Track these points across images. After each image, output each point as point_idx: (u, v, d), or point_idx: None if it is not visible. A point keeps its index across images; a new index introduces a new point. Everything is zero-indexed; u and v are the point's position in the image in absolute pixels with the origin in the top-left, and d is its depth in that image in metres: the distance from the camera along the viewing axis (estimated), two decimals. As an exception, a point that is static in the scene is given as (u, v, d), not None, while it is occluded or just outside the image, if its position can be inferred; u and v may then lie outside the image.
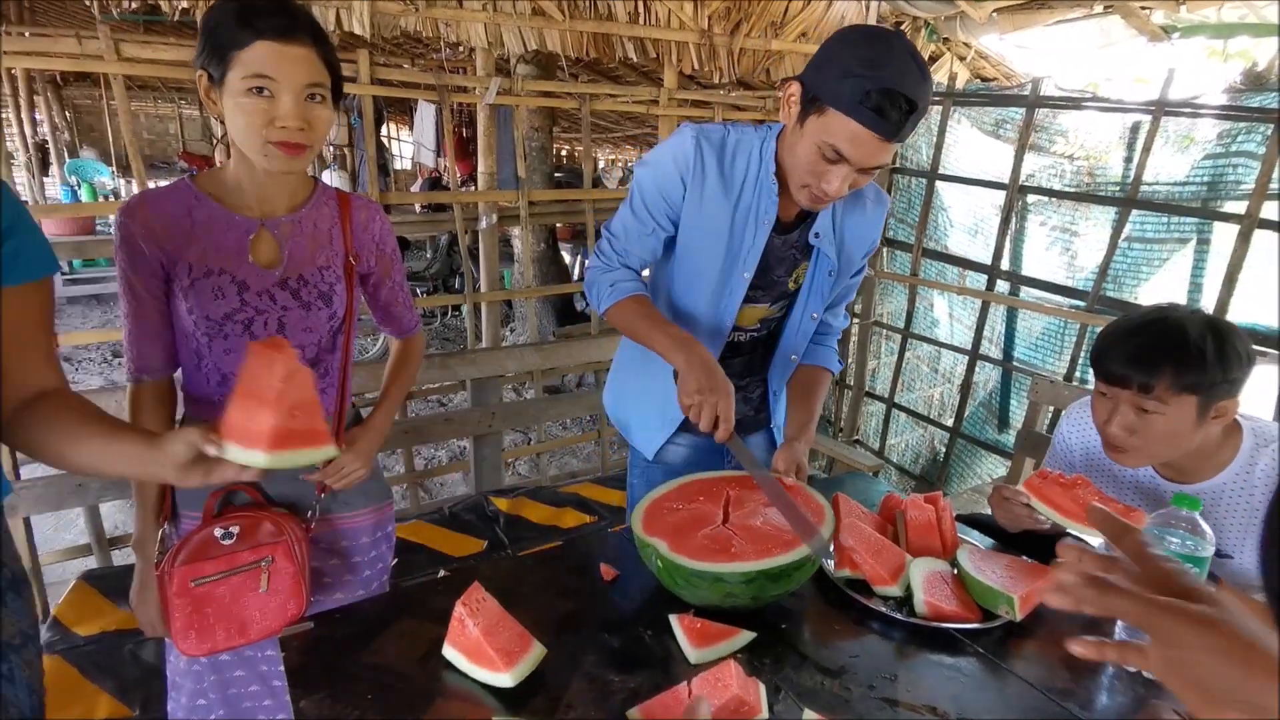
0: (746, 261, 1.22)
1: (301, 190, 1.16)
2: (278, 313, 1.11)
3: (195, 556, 1.08)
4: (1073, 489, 1.18)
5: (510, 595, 1.06)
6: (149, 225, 1.04)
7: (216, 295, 1.07)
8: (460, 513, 2.40)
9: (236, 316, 1.09)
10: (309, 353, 1.16)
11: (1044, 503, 1.17)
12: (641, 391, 1.39)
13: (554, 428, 4.26)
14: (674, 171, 1.19)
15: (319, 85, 1.00)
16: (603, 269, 1.26)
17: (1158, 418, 1.12)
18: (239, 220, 1.09)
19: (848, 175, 1.07)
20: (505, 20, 2.08)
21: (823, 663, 0.96)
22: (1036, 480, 1.21)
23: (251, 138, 0.99)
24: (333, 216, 1.17)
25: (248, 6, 0.96)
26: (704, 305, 1.27)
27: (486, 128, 2.31)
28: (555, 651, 0.94)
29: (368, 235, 1.21)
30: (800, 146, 1.09)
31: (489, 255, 2.48)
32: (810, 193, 1.12)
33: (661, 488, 1.16)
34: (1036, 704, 0.91)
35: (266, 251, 1.11)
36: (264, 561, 1.11)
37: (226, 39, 0.96)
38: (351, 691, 0.87)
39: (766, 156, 1.18)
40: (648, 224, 1.22)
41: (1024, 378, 2.90)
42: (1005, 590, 1.03)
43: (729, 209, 1.19)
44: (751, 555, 0.98)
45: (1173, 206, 2.40)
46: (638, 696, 0.86)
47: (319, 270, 1.14)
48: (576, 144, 12.21)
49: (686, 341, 1.12)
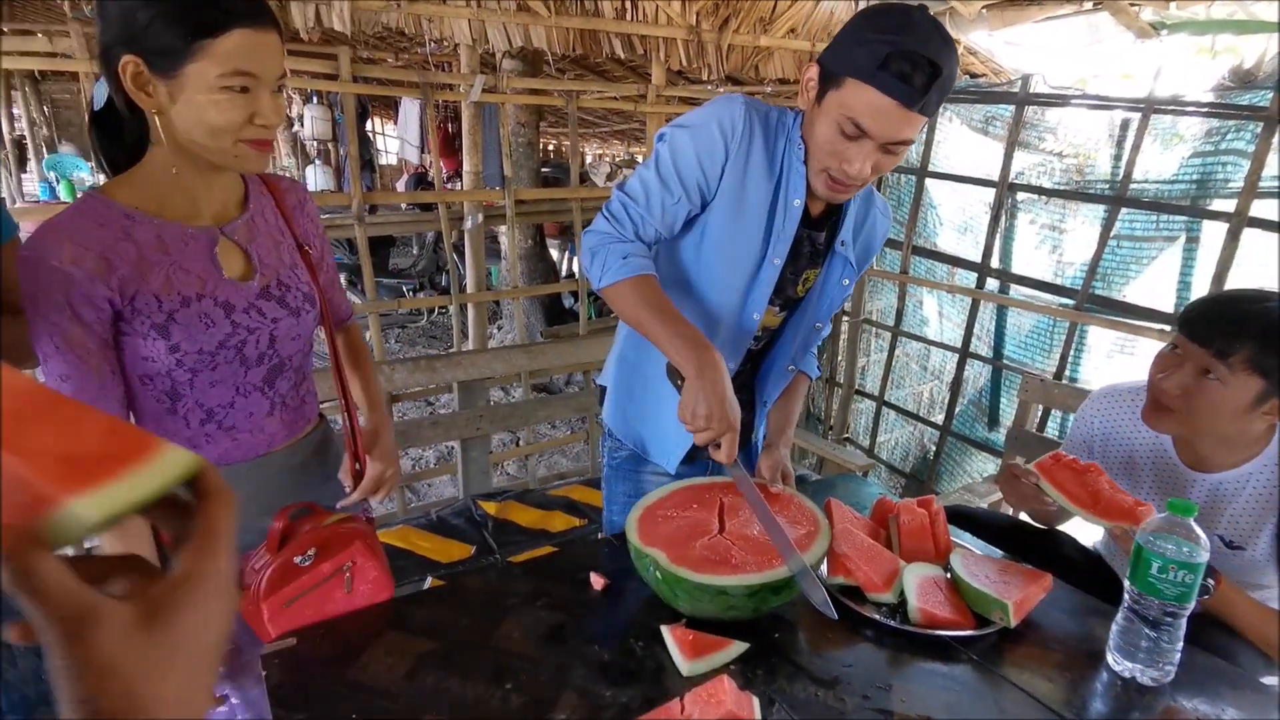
0: (778, 248, 1.13)
1: (236, 184, 1.02)
2: (269, 327, 1.01)
3: (276, 585, 1.01)
4: (1084, 475, 1.16)
5: (498, 606, 1.04)
6: (81, 260, 0.86)
7: (206, 324, 0.94)
8: (448, 517, 2.37)
9: (230, 342, 0.97)
10: (296, 360, 1.08)
11: (1054, 486, 1.16)
12: (654, 409, 1.29)
13: (542, 427, 4.23)
14: (719, 138, 1.07)
15: (285, 75, 0.90)
16: (614, 236, 1.10)
17: (1216, 386, 1.12)
18: (194, 232, 0.94)
19: (869, 153, 1.00)
20: (490, 16, 2.04)
21: (816, 673, 0.94)
22: (1050, 462, 1.19)
23: (223, 139, 0.87)
24: (272, 206, 1.06)
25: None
26: (731, 299, 1.16)
27: (471, 126, 2.28)
28: (544, 664, 0.92)
29: (305, 218, 1.11)
30: (819, 126, 1.03)
31: (475, 255, 2.44)
32: (828, 179, 1.06)
33: (653, 494, 1.13)
34: (1032, 711, 0.90)
35: (236, 262, 0.99)
36: (345, 568, 1.07)
37: (187, 22, 0.82)
38: (336, 710, 0.85)
39: (795, 138, 1.11)
40: (676, 191, 1.09)
41: (1014, 376, 2.91)
42: (999, 596, 1.02)
43: (770, 188, 1.11)
44: (753, 567, 0.96)
45: (1162, 204, 2.40)
46: (630, 712, 0.84)
47: (291, 270, 1.04)
48: (563, 138, 12.11)
49: (700, 344, 1.01)
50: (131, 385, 0.95)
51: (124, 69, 0.84)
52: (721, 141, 1.08)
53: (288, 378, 1.07)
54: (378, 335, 2.51)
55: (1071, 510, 1.15)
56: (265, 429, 1.05)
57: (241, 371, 1.00)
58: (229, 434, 1.02)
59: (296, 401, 1.09)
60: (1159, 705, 0.92)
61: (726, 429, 0.99)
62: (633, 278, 1.07)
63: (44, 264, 0.84)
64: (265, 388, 1.04)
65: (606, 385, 1.39)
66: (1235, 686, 0.97)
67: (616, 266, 1.08)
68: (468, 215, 2.32)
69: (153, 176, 0.93)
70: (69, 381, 0.89)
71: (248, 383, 1.01)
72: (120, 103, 0.88)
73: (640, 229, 1.11)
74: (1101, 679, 0.96)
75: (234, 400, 1.01)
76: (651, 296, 1.06)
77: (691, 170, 1.09)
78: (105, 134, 0.94)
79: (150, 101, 0.86)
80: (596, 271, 1.11)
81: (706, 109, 1.11)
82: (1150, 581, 0.92)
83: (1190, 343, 1.15)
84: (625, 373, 1.34)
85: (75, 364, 0.89)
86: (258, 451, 1.05)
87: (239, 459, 1.03)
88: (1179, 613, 0.92)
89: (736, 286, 1.16)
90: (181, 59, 0.83)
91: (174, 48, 0.82)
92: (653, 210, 1.10)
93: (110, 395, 0.92)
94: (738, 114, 1.07)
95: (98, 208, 0.89)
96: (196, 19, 0.82)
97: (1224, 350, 1.11)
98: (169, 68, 0.83)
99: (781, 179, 1.11)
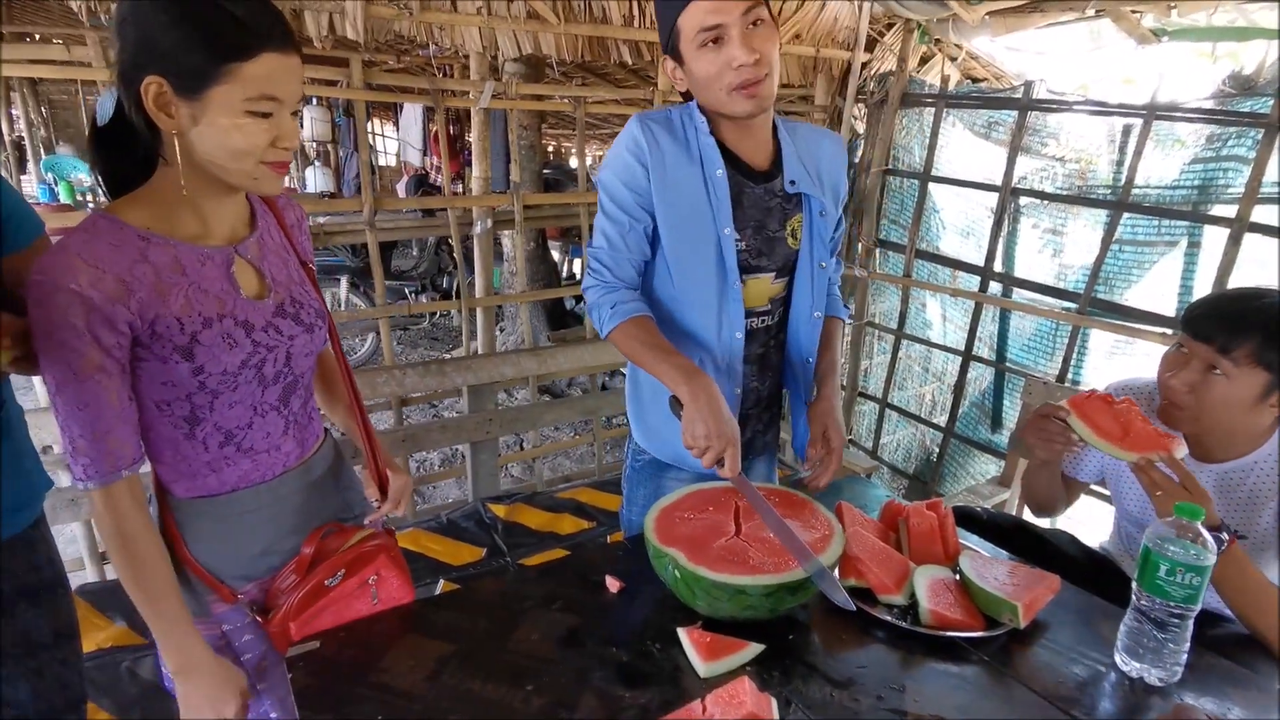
0: (721, 217, 1.20)
1: (244, 203, 1.02)
2: (286, 344, 1.00)
3: (304, 607, 1.03)
4: (1117, 409, 1.19)
5: (514, 609, 1.06)
6: (99, 283, 0.83)
7: (230, 344, 0.93)
8: (458, 520, 2.39)
9: (250, 361, 0.96)
10: (306, 378, 1.09)
11: (1084, 420, 1.18)
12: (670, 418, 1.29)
13: (546, 430, 4.25)
14: (631, 160, 1.18)
15: (303, 98, 0.91)
16: (602, 289, 1.22)
17: (1222, 382, 1.15)
18: (209, 252, 0.93)
19: (739, 37, 1.10)
20: (499, 24, 2.06)
21: (831, 674, 0.96)
22: (1082, 397, 1.22)
23: (245, 161, 0.86)
24: (274, 224, 1.06)
25: (235, 3, 0.82)
26: (709, 286, 1.22)
27: (481, 132, 2.30)
28: (563, 666, 0.94)
29: (303, 235, 1.13)
30: (698, 67, 1.15)
31: (485, 259, 2.46)
32: (736, 89, 1.13)
33: (669, 496, 1.16)
34: (1042, 711, 0.92)
35: (251, 281, 0.98)
36: (371, 579, 1.09)
37: (218, 45, 0.81)
38: (360, 712, 0.87)
39: (697, 117, 1.21)
40: (624, 221, 1.20)
41: (1017, 378, 2.93)
42: (1009, 598, 1.04)
43: (696, 171, 1.20)
44: (770, 568, 0.98)
45: (1163, 210, 2.42)
46: (649, 714, 0.86)
47: (300, 287, 1.05)
48: (563, 140, 12.13)
49: (691, 373, 1.09)
50: (146, 412, 0.93)
51: (146, 89, 0.82)
52: (635, 161, 1.18)
53: (299, 395, 1.08)
54: (388, 338, 2.53)
55: (1097, 445, 1.17)
56: (281, 448, 1.05)
57: (259, 391, 1.00)
58: (248, 455, 1.01)
59: (305, 419, 1.10)
60: (1167, 705, 0.94)
61: (726, 444, 1.04)
62: (625, 322, 1.18)
63: (60, 288, 0.81)
64: (280, 406, 1.04)
65: (626, 402, 1.45)
66: (1242, 687, 0.99)
67: (609, 316, 1.19)
68: (477, 220, 2.34)
69: (163, 196, 0.91)
70: (86, 410, 0.85)
71: (264, 402, 1.01)
72: (139, 123, 0.87)
73: (617, 271, 1.22)
74: (1110, 679, 0.98)
75: (252, 420, 1.00)
76: (645, 336, 1.17)
77: (626, 197, 1.20)
78: (108, 150, 0.93)
79: (171, 123, 0.84)
80: (597, 323, 1.23)
81: (615, 144, 1.23)
82: (1158, 584, 0.94)
83: (1195, 341, 1.19)
84: (638, 387, 1.39)
85: (94, 391, 0.85)
86: (275, 471, 1.05)
87: (258, 480, 1.03)
88: (1186, 614, 0.94)
89: (710, 275, 1.22)
90: (208, 81, 0.82)
91: (201, 69, 0.81)
92: (618, 248, 1.21)
93: (128, 421, 0.90)
94: (636, 131, 1.19)
95: (110, 229, 0.87)
96: (227, 42, 0.81)
97: (1227, 346, 1.14)
98: (194, 89, 0.82)
99: (702, 158, 1.20)
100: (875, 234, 3.30)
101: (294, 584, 1.04)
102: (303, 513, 1.09)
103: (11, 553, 0.99)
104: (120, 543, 0.90)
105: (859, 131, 3.31)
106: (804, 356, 1.34)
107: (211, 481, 1.00)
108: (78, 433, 0.86)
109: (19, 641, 0.97)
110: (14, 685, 0.96)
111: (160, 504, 1.01)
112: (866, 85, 3.19)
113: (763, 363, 1.34)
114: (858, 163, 3.32)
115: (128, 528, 0.90)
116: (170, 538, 0.99)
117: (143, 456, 0.94)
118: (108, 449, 0.88)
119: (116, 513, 0.90)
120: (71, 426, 0.86)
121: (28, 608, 0.99)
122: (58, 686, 1.01)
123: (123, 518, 0.90)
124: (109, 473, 0.88)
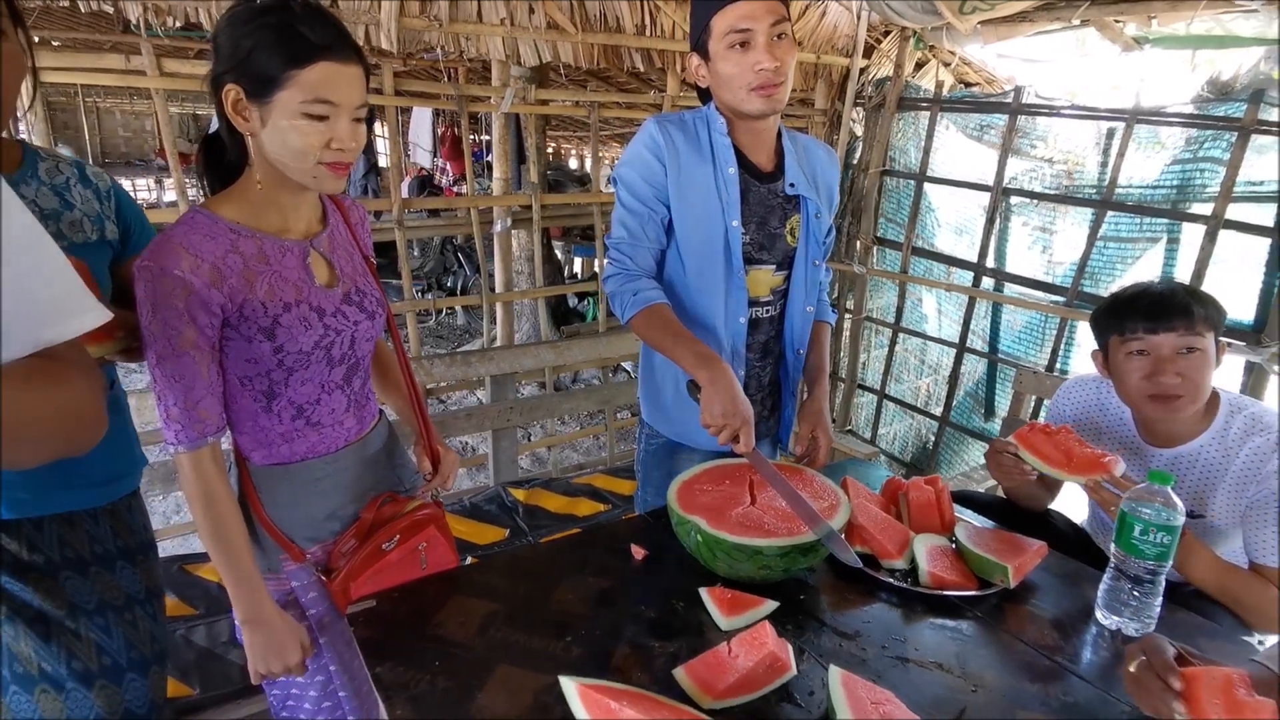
0: (730, 211, 1.30)
1: (317, 202, 1.13)
2: (350, 330, 1.10)
3: (362, 569, 1.11)
4: (1055, 437, 1.29)
5: (551, 574, 1.14)
6: (198, 269, 0.94)
7: (305, 326, 1.03)
8: (480, 503, 2.49)
9: (322, 343, 1.06)
10: (366, 361, 1.19)
11: (1030, 451, 1.28)
12: (687, 399, 1.39)
13: (554, 426, 4.35)
14: (650, 157, 1.28)
15: (364, 105, 0.99)
16: (623, 277, 1.30)
17: (1199, 355, 1.25)
18: (289, 245, 1.04)
19: (765, 44, 1.19)
20: (522, 34, 2.16)
21: (840, 627, 1.05)
22: (1025, 430, 1.32)
23: (305, 160, 0.95)
24: (341, 222, 1.17)
25: (302, 21, 0.92)
26: (717, 274, 1.32)
27: (501, 134, 2.39)
28: (598, 621, 1.03)
29: (365, 232, 1.22)
30: (722, 70, 1.23)
31: (504, 257, 2.56)
32: (754, 91, 1.22)
33: (688, 472, 1.25)
34: (1029, 659, 1.00)
35: (323, 272, 1.09)
36: (421, 546, 1.18)
37: (281, 55, 0.91)
38: (420, 659, 0.95)
39: (713, 117, 1.31)
40: (643, 213, 1.29)
41: (1008, 369, 3.04)
42: (1000, 560, 1.13)
43: (709, 169, 1.29)
44: (784, 532, 1.08)
45: (1145, 208, 2.53)
46: (678, 659, 0.95)
47: (364, 278, 1.15)
48: (563, 142, 12.23)
49: (709, 359, 1.17)
50: (231, 386, 1.04)
51: (226, 95, 0.94)
52: (654, 157, 1.28)
53: (360, 376, 1.18)
54: (415, 333, 2.67)
55: (1048, 473, 1.27)
56: (344, 423, 1.16)
57: (327, 370, 1.10)
58: (315, 429, 1.12)
59: (364, 398, 1.20)
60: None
61: (741, 422, 1.14)
62: (645, 309, 1.26)
63: (166, 273, 0.92)
64: (344, 385, 1.14)
65: (639, 386, 1.55)
66: (1209, 636, 1.08)
67: (630, 303, 1.27)
68: (497, 219, 2.43)
69: (250, 194, 1.02)
70: (181, 381, 0.95)
71: (330, 381, 1.12)
72: (222, 127, 0.98)
73: (637, 259, 1.30)
74: (1091, 631, 1.07)
75: (319, 397, 1.11)
76: (664, 323, 1.24)
77: (644, 190, 1.29)
78: (210, 154, 1.06)
79: (246, 125, 0.95)
80: (618, 310, 1.30)
81: (632, 142, 1.32)
82: (1133, 543, 1.04)
83: (1159, 335, 1.26)
84: (652, 372, 1.49)
85: (189, 365, 0.95)
86: (338, 445, 1.15)
87: (324, 451, 1.14)
88: (1159, 570, 1.03)
89: (718, 263, 1.32)
90: (274, 86, 0.92)
91: (269, 75, 0.91)
92: (637, 237, 1.30)
93: (215, 394, 0.99)
94: (654, 131, 1.28)
95: (205, 223, 0.98)
96: (289, 52, 0.91)
97: (1188, 324, 1.24)
98: (263, 94, 0.92)
99: (714, 158, 1.30)
100: (873, 232, 3.41)
101: (354, 547, 1.13)
102: (361, 484, 1.19)
103: (114, 517, 1.11)
104: (204, 503, 1.00)
105: (857, 134, 3.40)
106: (795, 347, 1.46)
107: (284, 451, 1.10)
108: (172, 402, 0.96)
109: (119, 595, 1.08)
110: (113, 634, 1.06)
111: (240, 470, 1.11)
112: (864, 90, 3.30)
113: (765, 350, 1.45)
114: (856, 164, 3.43)
115: (210, 489, 1.00)
116: (249, 501, 1.10)
117: (225, 426, 1.04)
118: (197, 417, 0.98)
119: (202, 474, 0.99)
120: (167, 396, 0.96)
121: (125, 565, 1.10)
122: (148, 639, 1.11)
123: (207, 480, 0.99)
124: (197, 438, 0.98)
